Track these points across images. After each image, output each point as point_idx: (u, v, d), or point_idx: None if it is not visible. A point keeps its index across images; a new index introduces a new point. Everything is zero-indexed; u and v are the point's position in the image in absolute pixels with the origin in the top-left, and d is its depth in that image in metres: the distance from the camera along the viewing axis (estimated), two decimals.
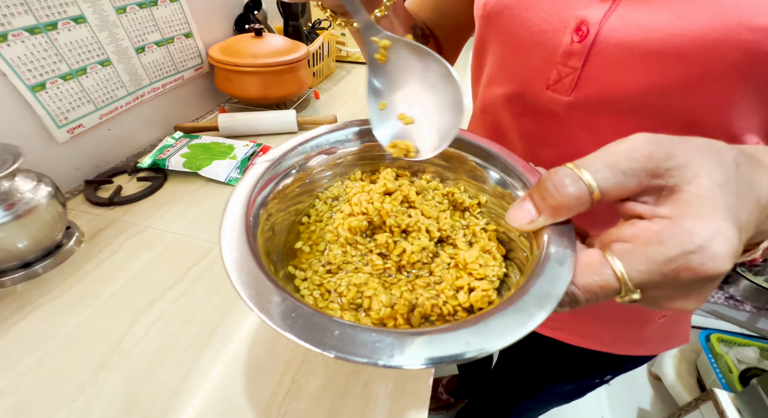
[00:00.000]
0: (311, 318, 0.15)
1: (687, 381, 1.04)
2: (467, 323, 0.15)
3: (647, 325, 0.36)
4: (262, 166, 0.23)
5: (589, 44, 0.24)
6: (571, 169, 0.15)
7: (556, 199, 0.16)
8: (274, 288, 0.17)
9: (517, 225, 0.17)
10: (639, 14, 0.22)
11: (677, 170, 0.14)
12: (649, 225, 0.14)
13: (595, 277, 0.15)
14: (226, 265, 0.17)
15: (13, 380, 0.31)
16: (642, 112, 0.24)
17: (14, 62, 0.44)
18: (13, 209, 0.36)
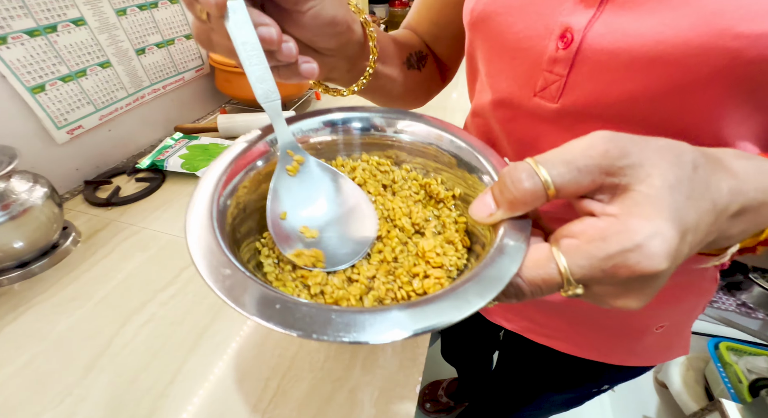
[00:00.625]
0: (272, 299, 0.16)
1: (694, 390, 1.02)
2: (405, 305, 0.15)
3: (644, 336, 0.35)
4: (239, 147, 0.22)
5: (574, 51, 0.23)
6: (530, 165, 0.15)
7: (513, 194, 0.16)
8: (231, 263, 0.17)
9: (478, 218, 0.18)
10: (623, 21, 0.21)
11: (631, 169, 0.14)
12: (595, 222, 0.15)
13: (540, 271, 0.15)
14: (192, 254, 0.18)
15: (2, 381, 0.32)
16: (630, 119, 0.23)
17: (13, 64, 0.44)
18: (8, 209, 0.37)
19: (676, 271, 0.31)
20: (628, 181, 0.14)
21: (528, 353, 0.46)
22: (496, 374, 0.64)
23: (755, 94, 0.19)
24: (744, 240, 0.18)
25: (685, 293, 0.33)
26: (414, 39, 0.37)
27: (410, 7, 1.55)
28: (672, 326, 0.35)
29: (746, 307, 1.19)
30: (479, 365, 0.90)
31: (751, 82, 0.19)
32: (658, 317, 0.34)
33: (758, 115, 0.20)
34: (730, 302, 1.20)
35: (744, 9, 0.17)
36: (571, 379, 0.44)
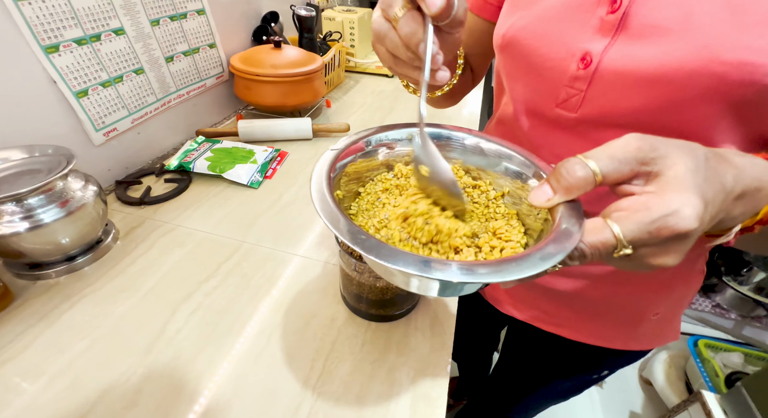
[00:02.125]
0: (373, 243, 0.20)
1: (676, 385, 1.09)
2: (496, 261, 0.20)
3: (642, 322, 0.41)
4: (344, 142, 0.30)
5: (593, 71, 0.28)
6: (580, 159, 0.20)
7: (569, 181, 0.20)
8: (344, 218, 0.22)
9: (538, 203, 0.22)
10: (632, 48, 0.26)
11: (660, 159, 0.18)
12: (639, 198, 0.19)
13: (598, 236, 0.19)
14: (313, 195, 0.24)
15: (69, 361, 0.34)
16: (637, 127, 0.28)
17: (63, 71, 0.47)
18: (66, 206, 0.39)
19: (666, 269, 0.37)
20: (659, 169, 0.18)
21: (536, 342, 0.51)
22: (501, 368, 0.69)
23: (738, 109, 0.25)
24: (744, 220, 0.22)
25: (677, 283, 0.39)
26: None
27: None
28: (665, 313, 0.41)
29: (720, 308, 1.28)
30: (480, 364, 0.95)
31: (734, 100, 0.24)
32: (654, 305, 0.39)
33: (741, 127, 0.26)
34: (707, 303, 1.29)
35: (728, 42, 0.23)
36: (577, 365, 0.49)
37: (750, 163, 0.21)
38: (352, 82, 1.10)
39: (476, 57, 0.45)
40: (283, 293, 0.43)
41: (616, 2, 0.26)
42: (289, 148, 0.72)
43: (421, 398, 0.34)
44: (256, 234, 0.51)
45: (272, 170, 0.66)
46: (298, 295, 0.43)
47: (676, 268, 0.37)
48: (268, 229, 0.52)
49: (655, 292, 0.38)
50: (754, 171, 0.21)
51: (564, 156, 0.33)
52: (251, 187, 0.60)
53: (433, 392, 0.34)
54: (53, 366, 0.34)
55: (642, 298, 0.39)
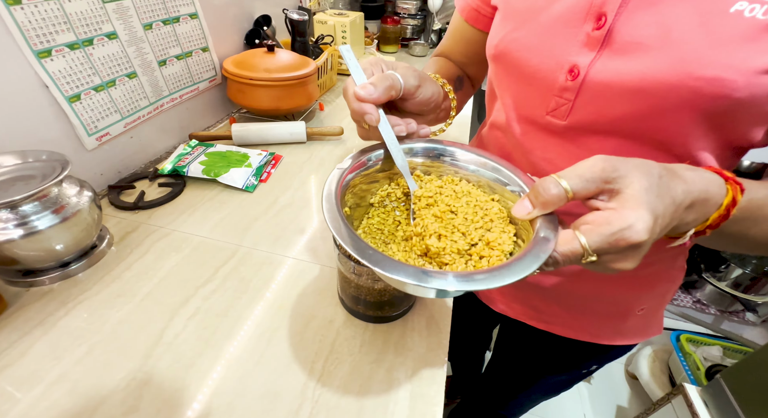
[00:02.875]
0: (373, 252, 0.24)
1: (660, 379, 1.13)
2: (483, 270, 0.23)
3: (628, 317, 0.43)
4: (350, 161, 0.33)
5: (580, 82, 0.30)
6: (554, 178, 0.23)
7: (545, 197, 0.23)
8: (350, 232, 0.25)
9: (519, 215, 0.25)
10: (616, 62, 0.28)
11: (620, 179, 0.21)
12: (602, 213, 0.22)
13: (569, 246, 0.22)
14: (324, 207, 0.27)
15: (68, 368, 0.34)
16: (621, 134, 0.31)
17: (55, 75, 0.47)
18: (61, 212, 0.39)
19: (651, 261, 0.39)
20: (619, 187, 0.22)
21: (528, 339, 0.53)
22: (493, 366, 0.71)
23: (711, 119, 0.27)
24: (696, 226, 0.25)
25: (660, 279, 0.41)
26: (452, 67, 0.46)
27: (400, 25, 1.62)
28: (650, 308, 0.43)
29: (701, 303, 1.33)
30: (472, 362, 0.97)
31: (708, 111, 0.26)
32: (639, 300, 0.42)
33: (714, 134, 0.28)
34: (687, 299, 1.34)
35: (702, 59, 0.25)
36: (567, 360, 0.51)
37: (698, 177, 0.24)
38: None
39: (473, 66, 0.47)
40: (281, 296, 0.44)
41: (601, 19, 0.28)
42: (283, 152, 0.73)
43: (419, 396, 0.35)
44: (252, 238, 0.51)
45: (267, 174, 0.66)
46: (296, 297, 0.43)
47: (659, 265, 0.39)
48: (265, 232, 0.53)
49: (641, 288, 0.40)
50: (701, 184, 0.23)
51: (555, 159, 0.35)
52: (246, 191, 0.61)
53: (430, 390, 0.35)
54: (51, 373, 0.34)
55: (628, 294, 0.41)
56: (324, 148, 0.75)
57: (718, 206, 0.24)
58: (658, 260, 0.39)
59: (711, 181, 0.24)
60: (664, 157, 0.30)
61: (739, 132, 0.28)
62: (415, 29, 1.55)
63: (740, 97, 0.24)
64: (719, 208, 0.24)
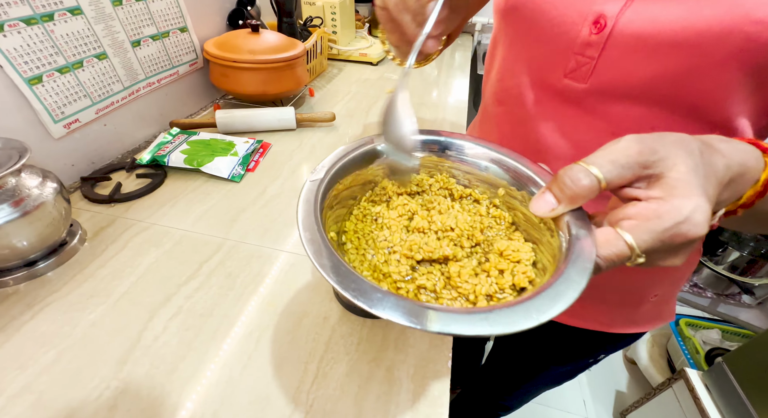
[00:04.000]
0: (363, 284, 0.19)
1: (659, 363, 1.13)
2: (527, 298, 0.18)
3: (641, 305, 0.40)
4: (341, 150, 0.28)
5: (606, 36, 0.26)
6: (583, 166, 0.19)
7: (574, 190, 0.19)
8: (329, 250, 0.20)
9: (540, 213, 0.21)
10: (653, 9, 0.24)
11: (661, 162, 0.18)
12: (647, 205, 0.18)
13: (612, 249, 0.18)
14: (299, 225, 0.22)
15: (32, 378, 0.31)
16: (650, 99, 0.27)
17: (10, 54, 0.42)
18: (20, 205, 0.35)
19: None
20: (660, 171, 0.18)
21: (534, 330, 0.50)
22: (494, 357, 0.69)
23: (760, 73, 0.23)
24: (728, 205, 0.22)
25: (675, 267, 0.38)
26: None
27: None
28: (663, 294, 0.41)
29: (698, 287, 1.33)
30: (472, 353, 0.95)
31: (758, 63, 0.22)
32: (654, 286, 0.39)
33: (759, 93, 0.24)
34: (686, 283, 1.34)
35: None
36: (574, 351, 0.48)
37: (734, 149, 0.21)
38: (336, 70, 1.06)
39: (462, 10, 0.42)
40: (272, 292, 0.40)
41: None
42: (271, 139, 0.69)
43: (422, 396, 0.32)
44: (239, 230, 0.48)
45: (255, 163, 0.62)
46: (287, 293, 0.40)
47: None
48: (253, 224, 0.49)
49: (656, 274, 0.38)
50: (738, 156, 0.20)
51: (571, 132, 0.32)
52: (233, 181, 0.57)
53: (435, 390, 0.33)
54: (13, 384, 0.30)
55: (643, 282, 0.38)
56: (315, 136, 0.71)
57: (754, 182, 0.21)
58: None
59: (748, 153, 0.21)
60: (696, 126, 0.27)
61: None
62: None
63: None
64: (755, 184, 0.21)
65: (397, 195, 0.30)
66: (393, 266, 0.25)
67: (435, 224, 0.27)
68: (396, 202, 0.29)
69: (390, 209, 0.29)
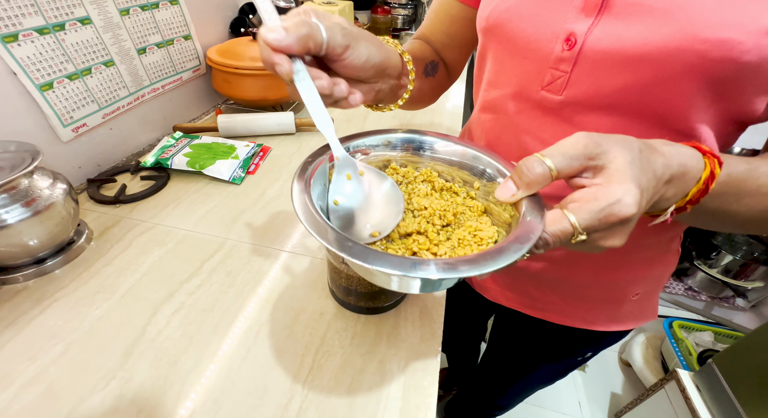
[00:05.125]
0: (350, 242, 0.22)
1: (653, 365, 1.14)
2: (470, 256, 0.22)
3: (623, 303, 0.42)
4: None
5: (577, 52, 0.29)
6: (538, 157, 0.22)
7: (529, 177, 0.22)
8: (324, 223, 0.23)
9: (503, 198, 0.24)
10: (617, 27, 0.27)
11: (604, 154, 0.21)
12: (589, 190, 0.21)
13: (558, 226, 0.21)
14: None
15: (41, 369, 0.32)
16: (620, 109, 0.29)
17: (24, 62, 0.44)
18: (32, 205, 0.37)
19: (646, 245, 0.38)
20: (603, 162, 0.21)
21: (523, 328, 0.52)
22: (488, 356, 0.70)
23: (717, 86, 0.26)
24: (677, 201, 0.24)
25: (655, 263, 0.40)
26: (426, 49, 0.42)
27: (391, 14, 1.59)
28: (645, 293, 0.42)
29: (692, 290, 1.35)
30: (468, 354, 0.96)
31: (713, 77, 0.25)
32: (634, 285, 0.41)
33: (718, 104, 0.27)
34: (680, 286, 1.35)
35: (708, 20, 0.24)
36: (563, 348, 0.50)
37: (676, 151, 0.23)
38: None
39: (454, 49, 0.44)
40: (270, 289, 0.42)
41: None
42: (271, 143, 0.71)
43: (412, 387, 0.34)
44: (239, 231, 0.50)
45: (255, 166, 0.64)
46: (285, 290, 0.42)
47: (654, 249, 0.38)
48: (253, 225, 0.51)
49: (636, 273, 0.40)
50: (678, 158, 0.23)
51: (550, 140, 0.34)
52: (233, 183, 0.59)
53: (424, 381, 0.34)
54: (24, 374, 0.32)
55: (623, 279, 0.40)
56: (313, 140, 0.73)
57: (696, 181, 0.24)
58: (653, 244, 0.38)
59: (688, 155, 0.23)
60: (663, 133, 0.29)
61: (742, 102, 0.27)
62: (406, 19, 1.52)
63: (748, 60, 0.23)
64: (698, 182, 0.24)
65: None
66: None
67: (412, 204, 0.30)
68: None
69: None
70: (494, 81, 0.37)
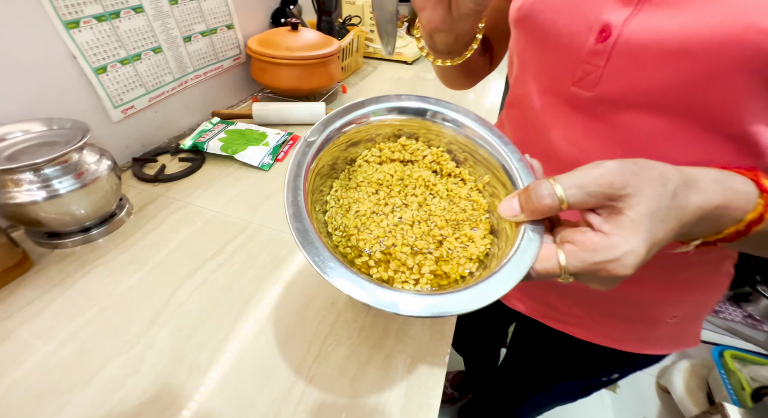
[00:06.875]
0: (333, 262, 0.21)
1: (696, 395, 1.03)
2: (451, 290, 0.21)
3: (656, 325, 0.38)
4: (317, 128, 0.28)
5: (612, 45, 0.26)
6: (550, 185, 0.20)
7: (535, 206, 0.21)
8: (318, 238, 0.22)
9: (504, 216, 0.23)
10: (657, 19, 0.24)
11: (627, 198, 0.19)
12: (591, 236, 0.20)
13: (546, 265, 0.21)
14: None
15: (79, 327, 0.36)
16: (660, 108, 0.26)
17: (83, 47, 0.48)
18: (81, 178, 0.41)
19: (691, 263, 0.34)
20: (622, 206, 0.19)
21: (543, 340, 0.49)
22: (507, 364, 0.67)
23: None
24: (705, 237, 0.23)
25: (698, 285, 0.36)
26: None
27: None
28: (685, 317, 0.38)
29: (753, 319, 1.20)
30: (486, 358, 0.93)
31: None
32: (672, 307, 0.37)
33: None
34: (737, 313, 1.21)
35: (767, 7, 0.20)
36: (584, 366, 0.46)
37: (722, 189, 0.21)
38: (370, 68, 1.08)
39: (494, 40, 0.43)
40: (286, 274, 0.43)
41: None
42: (302, 132, 0.72)
43: (416, 386, 0.33)
44: (263, 215, 0.51)
45: (283, 153, 0.65)
46: (299, 277, 0.43)
47: (699, 268, 0.34)
48: (276, 211, 0.52)
49: (674, 293, 0.35)
50: (720, 198, 0.21)
51: (579, 140, 0.31)
52: (262, 169, 0.61)
53: (429, 382, 0.33)
54: (64, 331, 0.35)
55: (659, 299, 0.36)
56: None
57: (736, 221, 0.21)
58: (696, 263, 0.33)
59: (739, 194, 0.21)
60: (712, 137, 0.25)
61: None
62: None
63: None
64: (738, 223, 0.21)
65: (390, 161, 0.31)
66: (364, 242, 0.26)
67: (404, 210, 0.28)
68: (387, 169, 0.30)
69: (370, 188, 0.30)
70: (522, 76, 0.34)
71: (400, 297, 0.20)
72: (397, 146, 0.32)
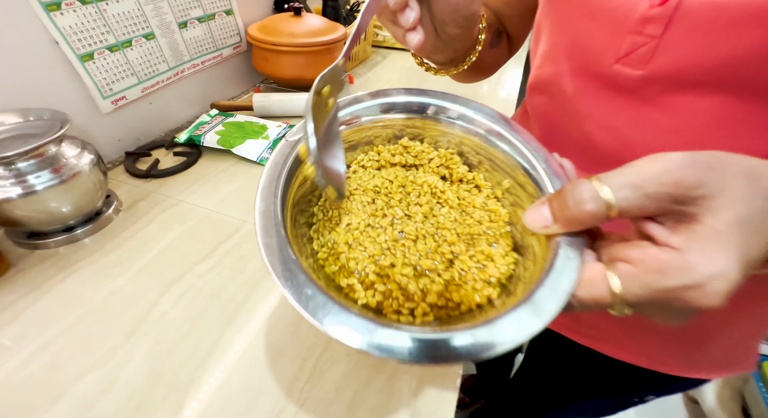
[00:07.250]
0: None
1: (729, 408, 0.96)
2: (465, 326, 0.16)
3: (707, 346, 0.32)
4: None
5: (673, 7, 0.20)
6: (592, 187, 0.15)
7: (573, 213, 0.16)
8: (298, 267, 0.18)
9: (532, 227, 0.18)
10: None
11: (703, 200, 0.14)
12: (657, 253, 0.14)
13: (592, 291, 0.16)
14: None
15: (51, 338, 0.33)
16: (726, 86, 0.21)
17: (66, 31, 0.45)
18: (59, 173, 0.37)
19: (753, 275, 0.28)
20: (697, 211, 0.14)
21: (567, 354, 0.44)
22: (522, 375, 0.62)
23: None
24: None
25: (762, 300, 0.30)
26: (491, 16, 0.36)
27: None
28: (742, 337, 0.32)
29: None
30: (500, 365, 0.88)
31: None
32: (727, 326, 0.31)
33: None
34: None
35: None
36: (612, 386, 0.41)
37: None
38: (379, 57, 1.03)
39: (514, 19, 0.37)
40: None
41: None
42: None
43: (423, 414, 0.29)
44: None
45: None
46: None
47: (758, 284, 0.28)
48: None
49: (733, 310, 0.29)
50: None
51: (622, 129, 0.25)
52: (260, 164, 0.57)
53: (438, 410, 0.29)
54: (36, 341, 0.32)
55: (711, 316, 0.30)
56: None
57: None
58: (759, 279, 0.27)
59: None
60: None
61: None
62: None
63: None
64: None
65: (390, 165, 0.27)
66: (354, 263, 0.22)
67: (406, 223, 0.24)
68: (386, 174, 0.26)
69: (365, 196, 0.25)
70: (550, 54, 0.29)
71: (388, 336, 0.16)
72: (398, 148, 0.27)
